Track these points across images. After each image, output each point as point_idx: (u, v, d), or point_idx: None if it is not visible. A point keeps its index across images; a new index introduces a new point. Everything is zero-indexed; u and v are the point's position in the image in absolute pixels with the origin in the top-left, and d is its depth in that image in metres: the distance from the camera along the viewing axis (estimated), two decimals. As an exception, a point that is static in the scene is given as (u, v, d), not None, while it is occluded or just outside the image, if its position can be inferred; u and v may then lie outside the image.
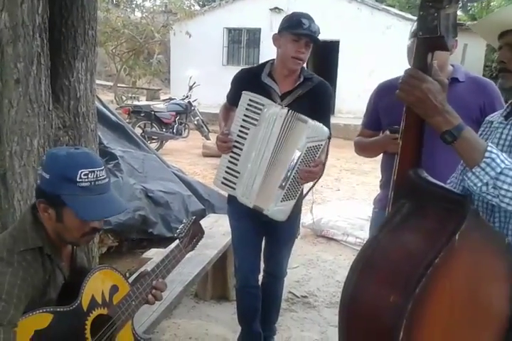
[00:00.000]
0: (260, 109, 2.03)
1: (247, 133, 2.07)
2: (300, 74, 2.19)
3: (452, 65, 2.00)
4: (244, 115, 2.06)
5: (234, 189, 2.13)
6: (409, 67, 2.05)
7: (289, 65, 2.11)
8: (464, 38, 11.15)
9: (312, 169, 2.02)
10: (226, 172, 2.13)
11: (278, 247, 2.39)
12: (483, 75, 12.82)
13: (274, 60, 2.23)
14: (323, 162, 2.07)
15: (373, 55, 11.07)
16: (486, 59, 13.49)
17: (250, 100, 2.04)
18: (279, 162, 2.05)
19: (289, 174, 2.03)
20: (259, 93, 2.06)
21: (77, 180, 1.33)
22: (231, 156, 2.11)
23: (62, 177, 1.33)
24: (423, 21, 1.13)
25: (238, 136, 2.09)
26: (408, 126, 1.21)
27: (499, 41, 1.30)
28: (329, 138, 2.05)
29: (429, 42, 1.14)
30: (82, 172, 1.33)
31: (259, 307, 2.47)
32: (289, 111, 2.02)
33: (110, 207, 1.40)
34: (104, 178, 1.38)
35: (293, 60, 2.09)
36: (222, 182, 2.15)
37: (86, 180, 1.34)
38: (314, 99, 2.16)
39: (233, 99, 2.28)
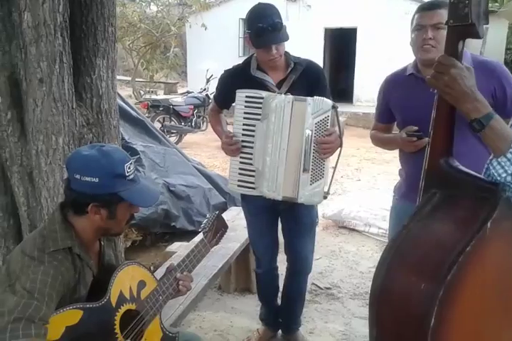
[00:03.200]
0: (260, 103, 2.02)
1: (253, 130, 2.05)
2: (287, 59, 2.17)
3: None
4: (245, 113, 2.04)
5: (254, 188, 2.11)
6: (415, 59, 2.04)
7: (268, 65, 2.14)
8: (485, 22, 10.87)
9: (327, 139, 1.99)
10: (240, 174, 2.10)
11: (300, 237, 2.37)
12: (505, 58, 12.53)
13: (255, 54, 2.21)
14: (336, 131, 2.03)
15: (391, 41, 10.89)
16: (507, 42, 13.18)
17: (247, 96, 2.03)
18: (295, 147, 2.03)
19: (307, 155, 2.00)
20: (253, 87, 2.05)
21: (126, 174, 1.39)
22: (242, 157, 2.09)
23: (113, 176, 1.36)
24: (454, 9, 1.13)
25: (244, 135, 2.07)
26: (439, 115, 1.21)
27: None
28: (334, 107, 2.01)
29: (460, 30, 1.14)
30: (126, 166, 1.39)
31: (278, 285, 2.57)
32: (294, 97, 2.00)
33: (153, 190, 1.52)
34: (134, 167, 1.47)
35: (269, 61, 2.10)
36: (239, 185, 2.12)
37: (131, 172, 1.41)
38: (309, 80, 2.15)
39: (224, 100, 2.29)
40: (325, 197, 2.07)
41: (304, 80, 2.15)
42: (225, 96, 2.27)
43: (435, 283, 1.01)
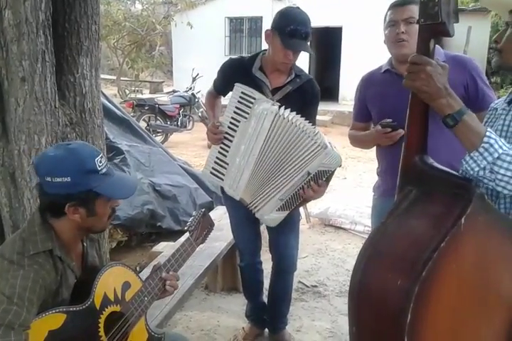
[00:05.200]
0: (252, 103, 2.03)
1: (237, 126, 2.07)
2: (291, 69, 2.19)
3: None
4: (236, 107, 2.05)
5: (222, 179, 2.16)
6: (390, 57, 2.08)
7: (279, 66, 2.14)
8: (468, 21, 10.97)
9: (317, 189, 2.03)
10: (215, 162, 2.15)
11: (283, 236, 2.38)
12: (488, 57, 12.72)
13: (265, 51, 2.22)
14: (324, 185, 2.07)
15: (376, 40, 10.93)
16: (490, 41, 13.35)
17: (243, 93, 2.03)
18: (282, 171, 2.04)
19: (292, 189, 2.05)
20: (250, 86, 2.06)
21: (98, 168, 1.36)
22: (221, 147, 2.12)
23: (84, 173, 1.33)
24: (424, 8, 1.15)
25: (229, 127, 2.09)
26: (413, 113, 1.23)
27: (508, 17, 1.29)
28: (340, 166, 2.05)
29: (431, 28, 1.16)
30: (97, 160, 1.36)
31: (263, 280, 2.59)
32: (280, 107, 2.01)
33: (129, 181, 1.50)
34: (106, 159, 1.45)
35: (283, 63, 2.11)
36: (211, 172, 2.17)
37: (103, 166, 1.38)
38: (303, 96, 2.18)
39: (221, 88, 2.31)
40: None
41: (299, 95, 2.17)
42: (223, 84, 2.28)
43: (411, 279, 1.02)
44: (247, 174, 2.09)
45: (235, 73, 2.19)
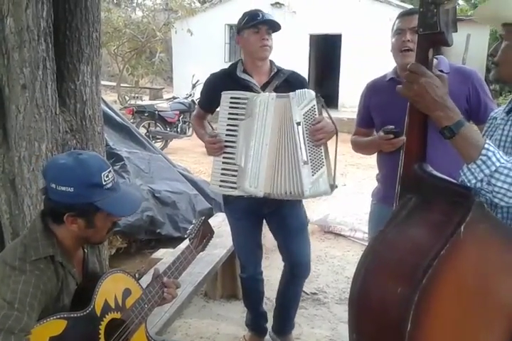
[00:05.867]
0: (245, 103, 2.03)
1: (236, 130, 2.06)
2: (271, 65, 2.26)
3: (436, 58, 2.03)
4: (229, 113, 2.05)
5: (235, 188, 2.08)
6: (394, 66, 2.10)
7: (259, 55, 2.18)
8: (467, 28, 11.02)
9: (317, 126, 1.98)
10: (222, 174, 2.09)
11: (295, 242, 2.36)
12: (487, 65, 12.79)
13: (241, 59, 2.28)
14: (325, 118, 2.02)
15: (375, 47, 11.02)
16: (489, 49, 13.44)
17: (232, 97, 2.04)
18: (285, 143, 2.01)
19: (303, 147, 1.98)
20: (238, 88, 2.07)
21: (103, 183, 1.35)
22: (224, 157, 2.08)
23: (88, 186, 1.33)
24: (423, 18, 1.15)
25: (227, 135, 2.07)
26: (412, 121, 1.23)
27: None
28: (318, 96, 2.01)
29: (429, 38, 1.17)
30: (104, 174, 1.35)
31: (264, 290, 2.58)
32: (277, 95, 2.03)
33: (133, 197, 1.47)
34: (114, 174, 1.43)
35: (260, 48, 2.15)
36: (221, 186, 2.11)
37: (109, 181, 1.37)
38: (292, 88, 2.17)
39: (208, 104, 2.32)
40: (332, 187, 2.02)
41: (287, 87, 2.18)
42: (210, 99, 2.28)
43: (410, 287, 1.02)
44: (264, 165, 2.01)
45: (221, 82, 2.22)
